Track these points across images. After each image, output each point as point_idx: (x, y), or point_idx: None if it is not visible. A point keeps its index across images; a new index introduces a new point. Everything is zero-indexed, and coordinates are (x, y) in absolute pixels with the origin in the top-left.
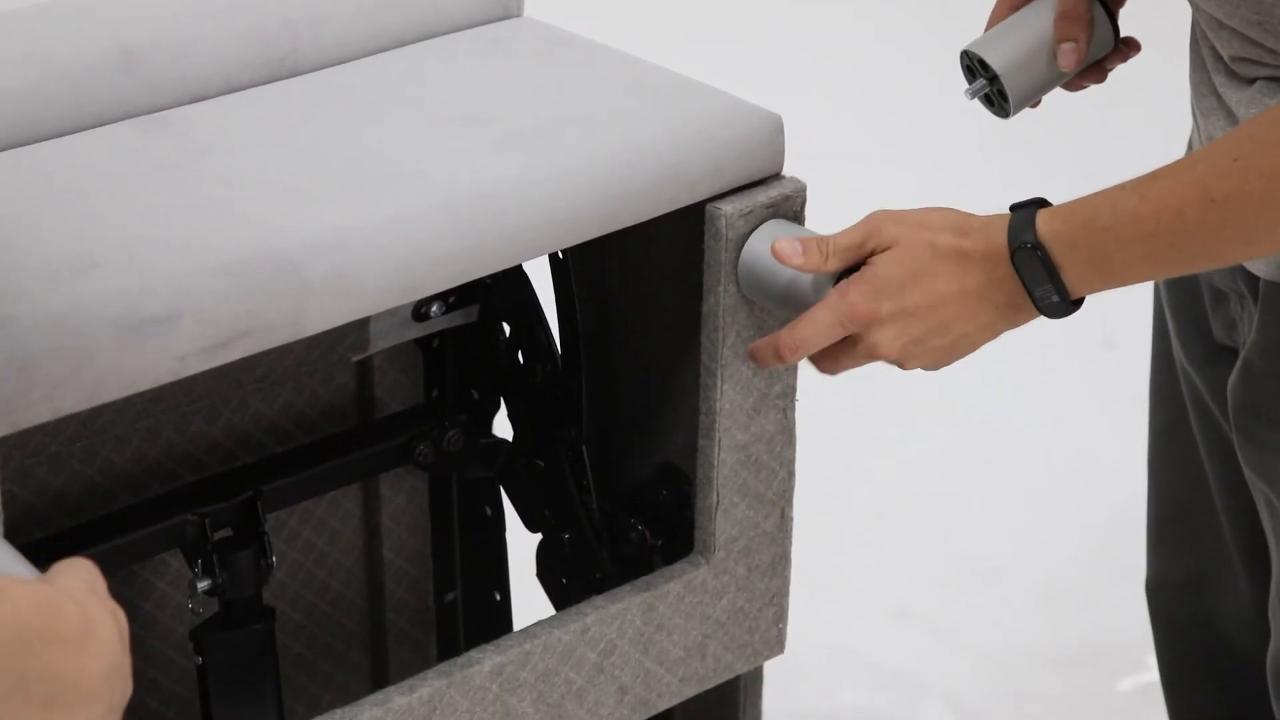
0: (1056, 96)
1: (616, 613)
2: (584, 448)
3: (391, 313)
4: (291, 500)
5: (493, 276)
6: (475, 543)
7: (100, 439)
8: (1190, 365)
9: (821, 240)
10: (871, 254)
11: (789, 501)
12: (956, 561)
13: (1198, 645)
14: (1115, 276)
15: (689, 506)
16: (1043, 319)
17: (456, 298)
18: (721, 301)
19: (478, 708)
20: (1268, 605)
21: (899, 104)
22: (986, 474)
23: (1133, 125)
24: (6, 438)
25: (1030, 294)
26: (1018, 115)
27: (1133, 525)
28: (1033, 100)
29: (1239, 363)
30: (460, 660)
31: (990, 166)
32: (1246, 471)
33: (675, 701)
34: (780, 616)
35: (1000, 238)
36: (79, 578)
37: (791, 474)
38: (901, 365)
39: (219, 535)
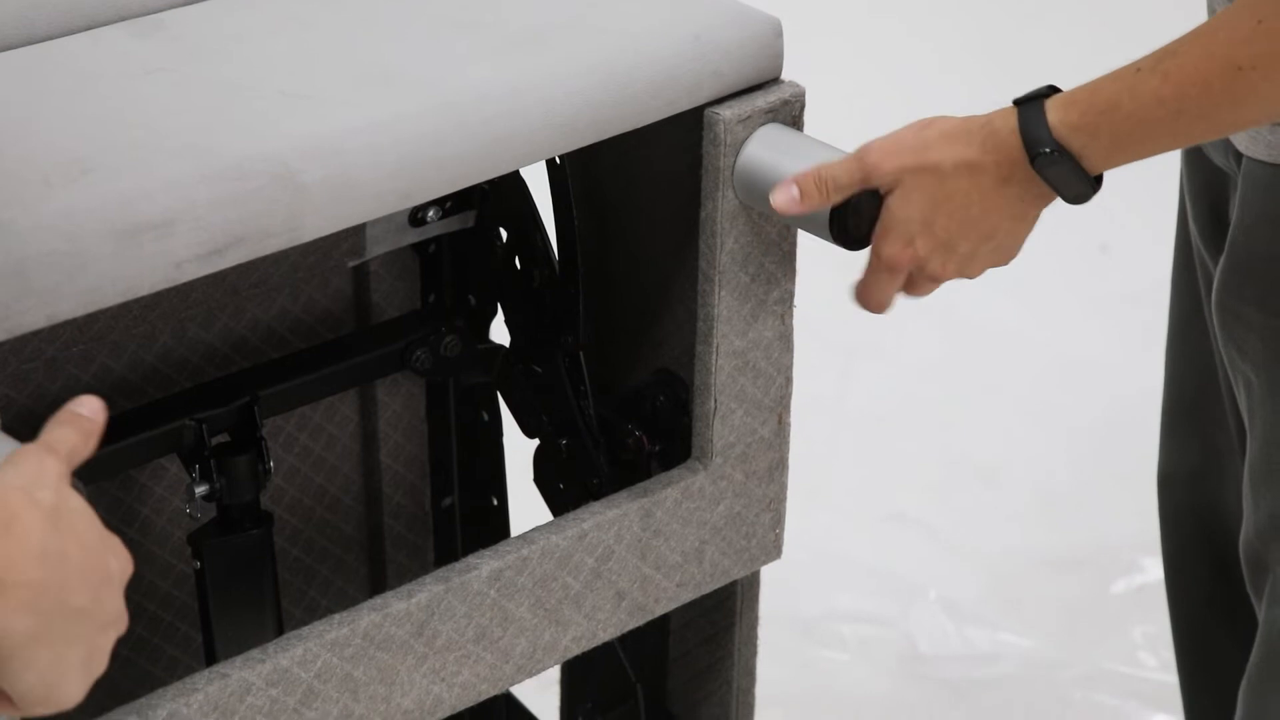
0: None
1: (614, 518)
2: (581, 354)
3: (388, 218)
4: (288, 406)
5: (490, 182)
6: (472, 448)
7: (97, 344)
8: (1206, 251)
9: (819, 179)
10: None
11: (786, 407)
12: (951, 465)
13: (1199, 537)
14: (1138, 154)
15: (686, 413)
16: None
17: (453, 203)
18: (720, 207)
19: (475, 612)
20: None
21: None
22: (981, 378)
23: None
24: (2, 343)
25: (1060, 194)
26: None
27: (1128, 428)
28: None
29: (1226, 241)
30: (458, 565)
31: (991, 65)
32: (1226, 350)
33: (672, 606)
34: (777, 522)
35: (1012, 141)
36: (17, 473)
37: (789, 380)
38: (970, 276)
39: (216, 440)
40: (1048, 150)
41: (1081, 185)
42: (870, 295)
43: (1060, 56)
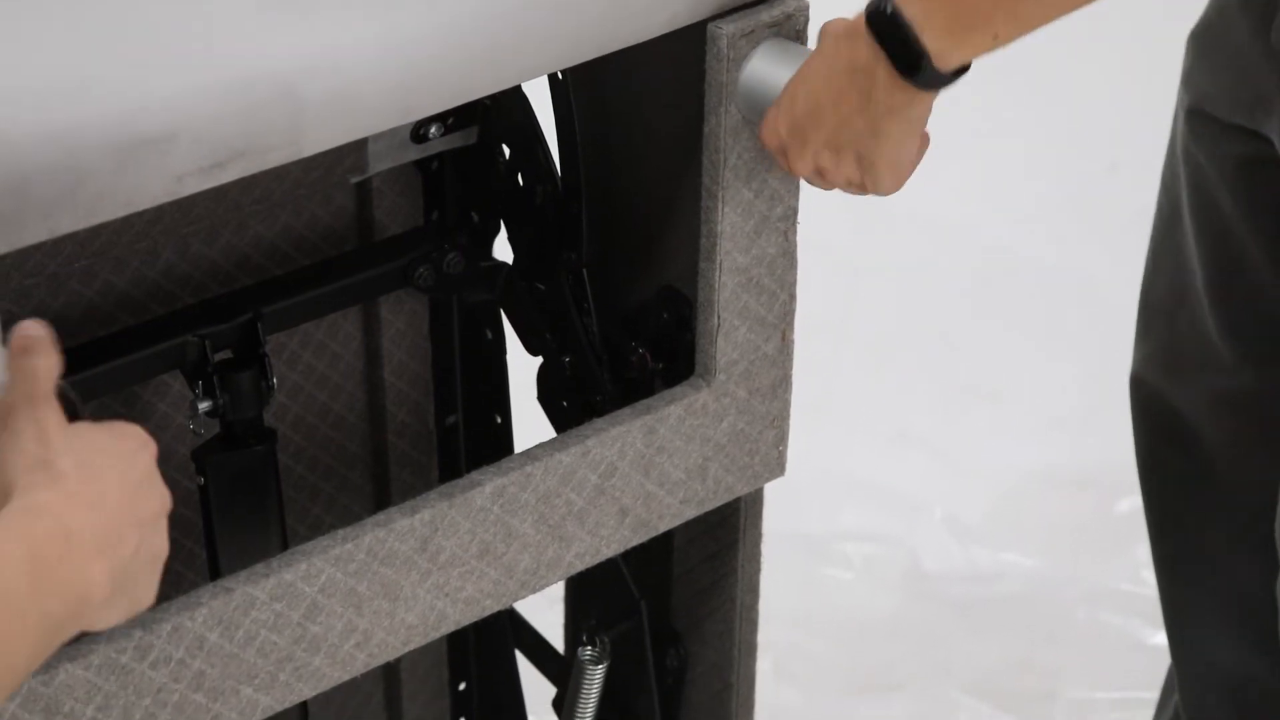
0: None
1: (617, 435)
2: (584, 271)
3: (390, 134)
4: (291, 322)
5: (492, 98)
6: (476, 366)
7: (99, 260)
8: (1198, 140)
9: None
10: None
11: (790, 324)
12: (957, 384)
13: (1168, 434)
14: (982, 37)
15: (690, 329)
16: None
17: (455, 119)
18: (723, 123)
19: (479, 528)
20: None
21: None
22: (987, 298)
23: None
24: (4, 257)
25: (890, 58)
26: None
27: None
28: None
29: None
30: (461, 482)
31: None
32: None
33: (676, 523)
34: (781, 439)
35: (860, 15)
36: (23, 453)
37: (792, 297)
38: (823, 177)
39: (219, 357)
40: (885, 9)
41: (910, 54)
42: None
43: None
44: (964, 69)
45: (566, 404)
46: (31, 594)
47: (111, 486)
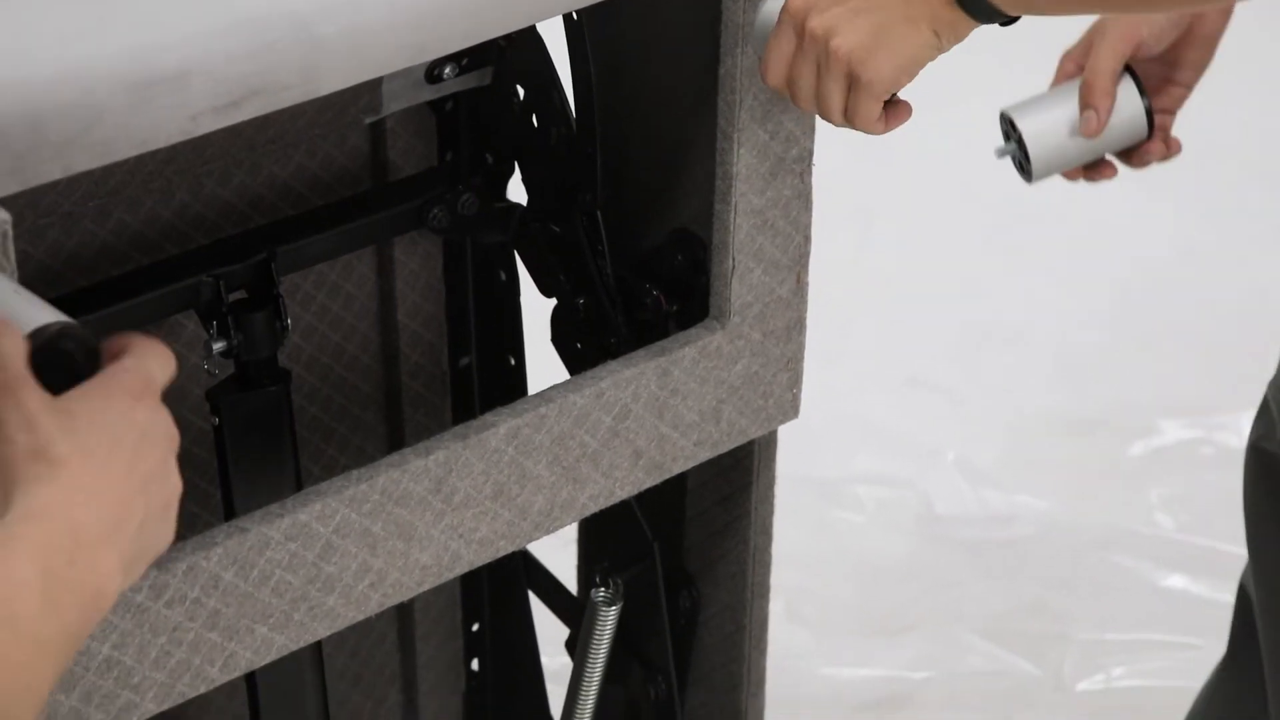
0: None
1: (631, 377)
2: (599, 212)
3: (404, 74)
4: (305, 263)
5: (507, 38)
6: (490, 308)
7: (113, 199)
8: None
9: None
10: None
11: (804, 267)
12: (970, 328)
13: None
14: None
15: (704, 272)
16: None
17: (470, 60)
18: (738, 64)
19: (493, 470)
20: None
21: None
22: (1001, 240)
23: None
24: (18, 196)
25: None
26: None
27: (1148, 291)
28: (1060, 168)
29: None
30: (475, 423)
31: None
32: None
33: (689, 465)
34: (794, 382)
35: None
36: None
37: (807, 239)
38: (853, 65)
39: (233, 297)
40: None
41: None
42: (768, 55)
43: None
44: (1012, 20)
45: (580, 346)
46: (47, 614)
47: (113, 459)
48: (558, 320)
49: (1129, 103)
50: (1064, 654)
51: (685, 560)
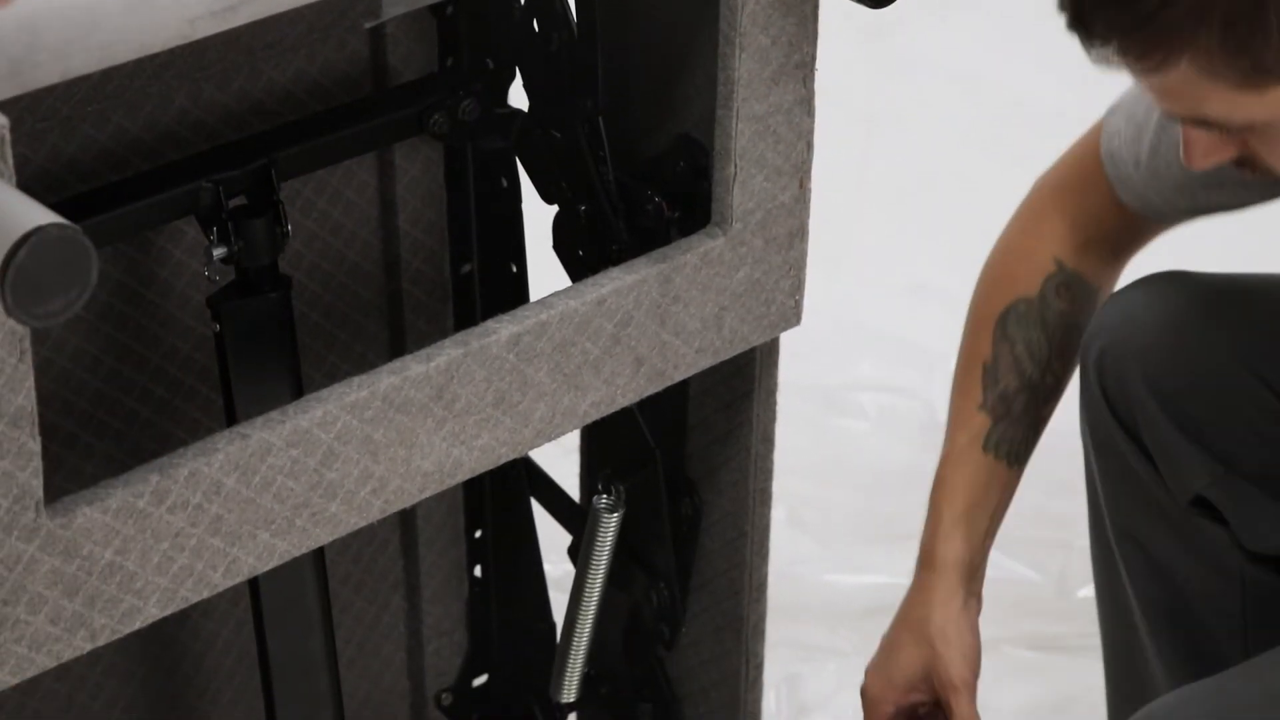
0: None
1: (633, 284)
2: (600, 118)
3: None
4: (305, 168)
5: None
6: (491, 214)
7: (112, 104)
8: None
9: None
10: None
11: (807, 173)
12: (974, 235)
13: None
14: None
15: (706, 178)
16: None
17: None
18: None
19: (495, 377)
20: None
21: None
22: (1006, 148)
23: None
24: (18, 99)
25: None
26: None
27: None
28: None
29: None
30: (477, 330)
31: None
32: None
33: (691, 373)
34: (797, 289)
35: None
36: None
37: (810, 145)
38: None
39: (234, 203)
40: None
41: None
42: None
43: None
44: None
45: (582, 253)
46: None
47: None
48: (559, 227)
49: None
50: (1066, 560)
51: (687, 467)
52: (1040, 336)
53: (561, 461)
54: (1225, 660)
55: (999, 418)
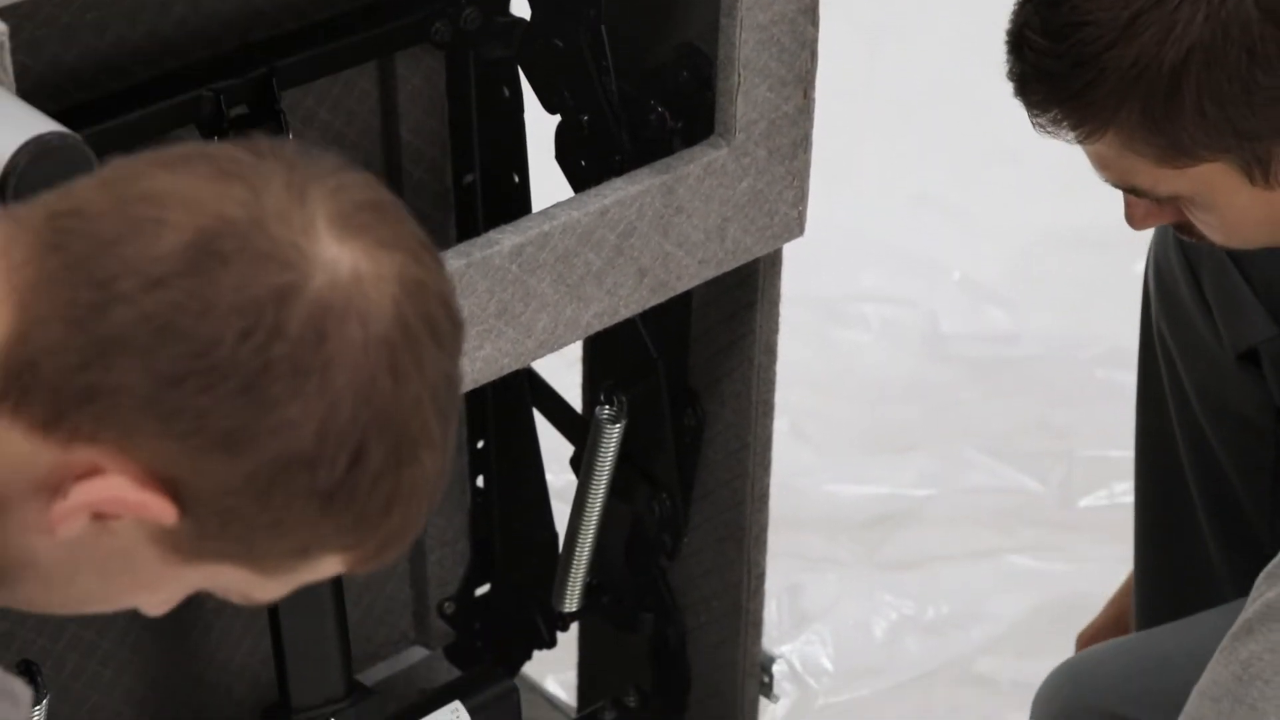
0: None
1: (636, 195)
2: (603, 27)
3: None
4: (306, 78)
5: None
6: (493, 124)
7: (111, 11)
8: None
9: None
10: None
11: (811, 84)
12: (977, 145)
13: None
14: None
15: (709, 88)
16: None
17: None
18: None
19: (497, 288)
20: None
21: None
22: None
23: None
24: (16, 6)
25: None
26: None
27: None
28: None
29: None
30: (479, 241)
31: None
32: None
33: (694, 284)
34: (800, 199)
35: None
36: None
37: (814, 55)
38: None
39: (235, 113)
40: None
41: None
42: None
43: None
44: None
45: (585, 163)
46: None
47: None
48: (562, 137)
49: None
50: (1068, 470)
51: (690, 378)
52: None
53: (564, 373)
54: (1252, 524)
55: None
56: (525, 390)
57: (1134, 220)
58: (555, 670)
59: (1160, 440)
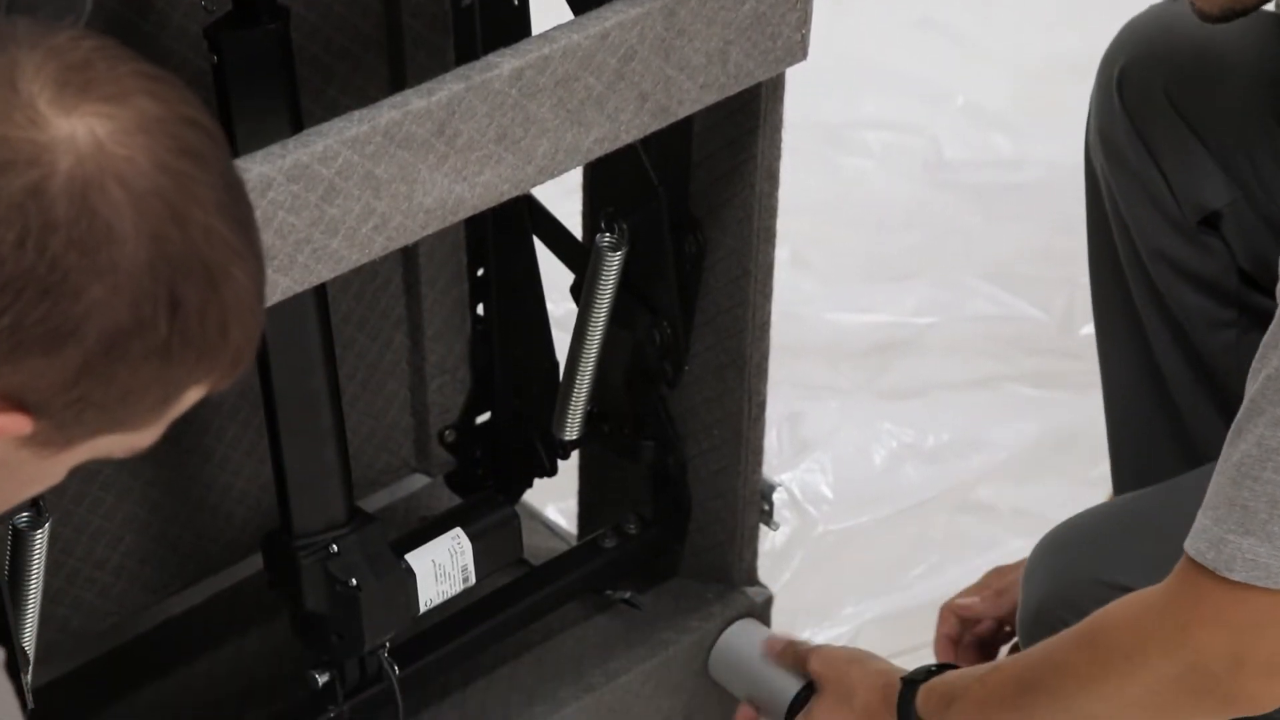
0: None
1: (637, 18)
2: None
3: None
4: None
5: None
6: None
7: None
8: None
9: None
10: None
11: None
12: None
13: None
14: None
15: None
16: None
17: None
18: None
19: (496, 112)
20: None
21: None
22: None
23: None
24: None
25: None
26: None
27: None
28: None
29: None
30: (478, 64)
31: None
32: None
33: (695, 109)
34: (803, 22)
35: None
36: None
37: None
38: None
39: None
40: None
41: None
42: None
43: None
44: None
45: None
46: None
47: None
48: None
49: None
50: (1070, 298)
51: (691, 205)
52: None
53: (563, 201)
54: (1223, 384)
55: None
56: (525, 217)
57: None
58: (556, 498)
59: (1120, 308)
